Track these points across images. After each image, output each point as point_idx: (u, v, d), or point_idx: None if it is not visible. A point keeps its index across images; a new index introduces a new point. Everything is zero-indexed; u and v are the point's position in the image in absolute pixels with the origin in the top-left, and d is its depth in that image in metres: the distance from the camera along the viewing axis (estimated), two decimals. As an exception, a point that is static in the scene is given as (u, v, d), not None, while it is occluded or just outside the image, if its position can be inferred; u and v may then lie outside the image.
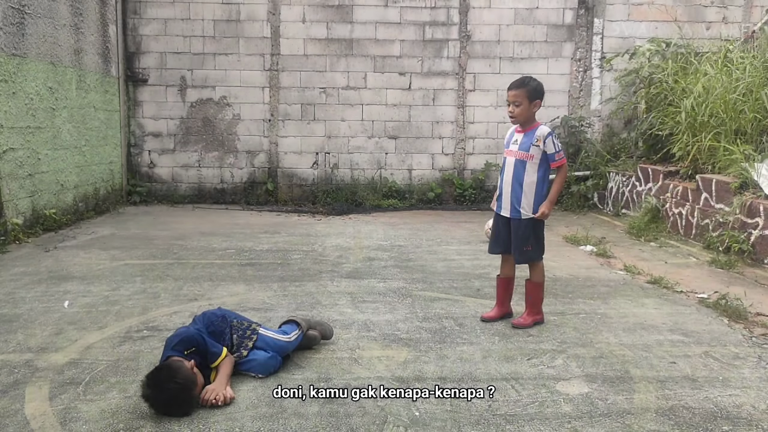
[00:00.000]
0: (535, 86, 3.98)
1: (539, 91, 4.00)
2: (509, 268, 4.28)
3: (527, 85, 3.97)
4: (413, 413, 2.90)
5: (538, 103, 3.98)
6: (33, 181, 7.23)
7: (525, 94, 3.94)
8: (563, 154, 4.03)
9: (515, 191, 4.05)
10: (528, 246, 4.05)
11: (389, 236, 7.44)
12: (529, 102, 3.95)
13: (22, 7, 6.98)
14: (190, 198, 10.22)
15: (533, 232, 4.06)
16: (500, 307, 4.29)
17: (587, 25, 10.22)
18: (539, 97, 3.99)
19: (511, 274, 4.29)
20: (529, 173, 4.02)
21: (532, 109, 3.98)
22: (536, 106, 3.98)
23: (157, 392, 2.81)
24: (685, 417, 2.90)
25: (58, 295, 4.73)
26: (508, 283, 4.30)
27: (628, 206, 8.84)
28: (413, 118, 10.29)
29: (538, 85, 4.00)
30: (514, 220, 4.07)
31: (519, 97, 3.95)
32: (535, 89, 3.97)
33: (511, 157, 4.07)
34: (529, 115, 4.00)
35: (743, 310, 4.45)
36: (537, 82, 4.02)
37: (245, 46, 10.08)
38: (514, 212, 4.06)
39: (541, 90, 4.01)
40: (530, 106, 3.96)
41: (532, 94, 3.96)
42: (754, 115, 6.84)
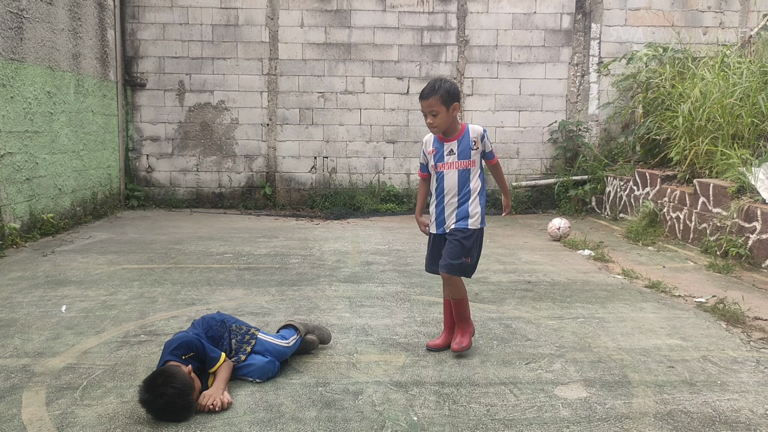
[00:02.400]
0: (447, 89, 3.58)
1: (454, 93, 3.61)
2: None
3: (438, 90, 3.56)
4: (411, 418, 2.90)
5: (457, 105, 3.63)
6: (31, 186, 7.22)
7: (439, 100, 3.56)
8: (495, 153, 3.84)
9: (462, 204, 3.66)
10: (468, 257, 3.64)
11: (387, 240, 7.44)
12: (447, 108, 3.58)
13: (21, 12, 6.98)
14: (188, 202, 10.21)
15: (476, 244, 3.68)
16: (449, 333, 3.84)
17: (585, 30, 10.25)
18: (456, 99, 3.62)
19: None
20: (473, 180, 3.68)
21: (452, 113, 3.62)
22: (455, 109, 3.63)
23: (155, 397, 2.80)
24: (684, 421, 2.90)
25: (55, 300, 4.72)
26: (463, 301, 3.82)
27: (625, 210, 8.85)
28: (411, 123, 10.31)
29: (450, 87, 3.61)
30: (458, 230, 3.63)
31: (434, 106, 3.58)
32: (448, 92, 3.58)
33: (452, 170, 3.68)
34: (451, 122, 3.65)
35: (741, 314, 4.46)
36: (449, 83, 3.62)
37: (244, 51, 10.09)
38: (461, 223, 3.64)
39: (454, 91, 3.61)
40: (449, 112, 3.60)
41: (447, 98, 3.57)
42: (751, 120, 6.86)
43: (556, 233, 7.50)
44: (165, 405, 2.80)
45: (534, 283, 5.44)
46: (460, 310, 3.75)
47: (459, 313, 3.75)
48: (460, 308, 3.74)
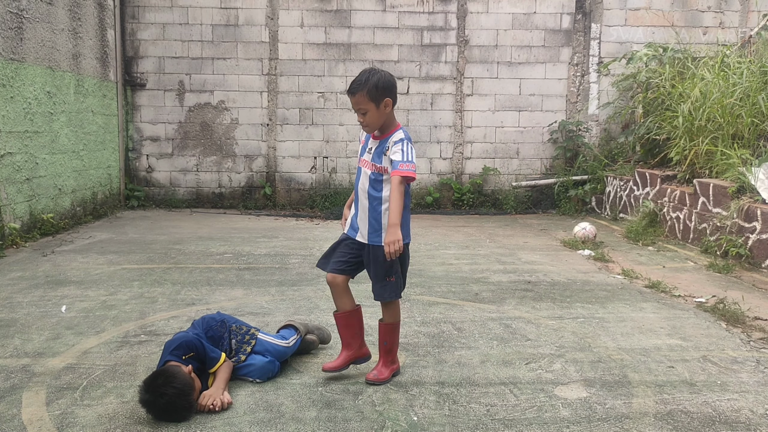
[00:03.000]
0: (375, 83, 3.09)
1: (384, 87, 3.11)
2: (347, 297, 3.30)
3: (366, 84, 3.09)
4: (411, 418, 2.90)
5: (389, 101, 3.13)
6: (31, 186, 7.22)
7: (366, 97, 3.09)
8: (411, 167, 3.09)
9: (372, 212, 3.20)
10: (391, 276, 3.20)
11: (387, 240, 7.43)
12: (376, 104, 3.10)
13: (21, 12, 6.98)
14: (188, 202, 10.21)
15: (398, 261, 3.20)
16: (348, 349, 3.32)
17: (584, 30, 10.25)
18: (388, 94, 3.12)
19: (350, 305, 3.30)
20: (385, 190, 3.16)
21: (384, 110, 3.13)
22: (387, 105, 3.13)
23: (155, 397, 2.80)
24: (684, 421, 2.90)
25: (55, 300, 4.72)
26: (350, 316, 3.31)
27: (625, 210, 8.85)
28: (411, 123, 10.30)
29: (380, 80, 3.10)
30: (375, 247, 3.20)
31: (361, 103, 3.11)
32: (377, 86, 3.09)
33: (364, 169, 3.23)
34: (384, 119, 3.17)
35: (741, 314, 4.46)
36: (378, 75, 3.12)
37: (243, 51, 10.09)
38: (373, 238, 3.21)
39: (385, 84, 3.12)
40: (380, 108, 3.12)
41: (375, 93, 3.09)
42: (752, 120, 6.86)
43: (584, 234, 7.28)
44: (165, 405, 2.80)
45: (534, 283, 5.44)
46: (388, 337, 3.29)
47: (385, 341, 3.29)
48: (388, 335, 3.29)
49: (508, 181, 10.45)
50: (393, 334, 3.31)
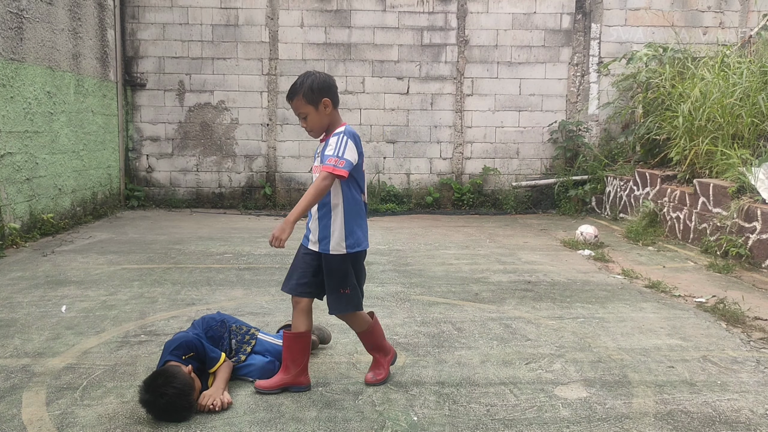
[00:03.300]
0: (310, 85, 3.00)
1: (320, 88, 3.02)
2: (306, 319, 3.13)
3: (301, 88, 3.01)
4: (411, 418, 2.90)
5: (328, 102, 3.03)
6: (31, 186, 7.22)
7: (303, 101, 3.01)
8: (339, 163, 2.92)
9: (322, 219, 3.07)
10: (346, 289, 3.07)
11: (387, 240, 7.44)
12: (314, 106, 3.02)
13: (21, 12, 6.98)
14: (188, 202, 10.21)
15: (351, 272, 3.09)
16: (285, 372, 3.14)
17: (584, 30, 10.25)
18: (325, 94, 3.02)
19: (303, 327, 3.12)
20: (334, 196, 3.04)
21: (324, 111, 3.03)
22: (327, 106, 3.03)
23: (155, 398, 2.80)
24: (684, 421, 2.90)
25: (55, 300, 4.72)
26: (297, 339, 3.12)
27: (625, 210, 8.85)
28: (411, 123, 10.31)
29: (314, 82, 3.01)
30: (325, 255, 3.08)
31: (300, 108, 3.04)
32: (312, 88, 3.00)
33: (314, 174, 3.08)
34: (326, 121, 3.06)
35: (741, 314, 4.46)
36: (313, 77, 3.03)
37: (244, 51, 10.09)
38: (323, 245, 3.08)
39: (320, 85, 3.02)
40: (319, 110, 3.03)
41: (311, 96, 3.00)
42: (752, 120, 6.86)
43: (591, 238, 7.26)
44: (165, 405, 2.80)
45: (534, 283, 5.44)
46: (369, 340, 3.29)
47: (370, 344, 3.30)
48: (368, 339, 3.29)
49: (508, 181, 10.45)
50: (371, 336, 3.28)
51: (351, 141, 3.00)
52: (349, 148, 2.97)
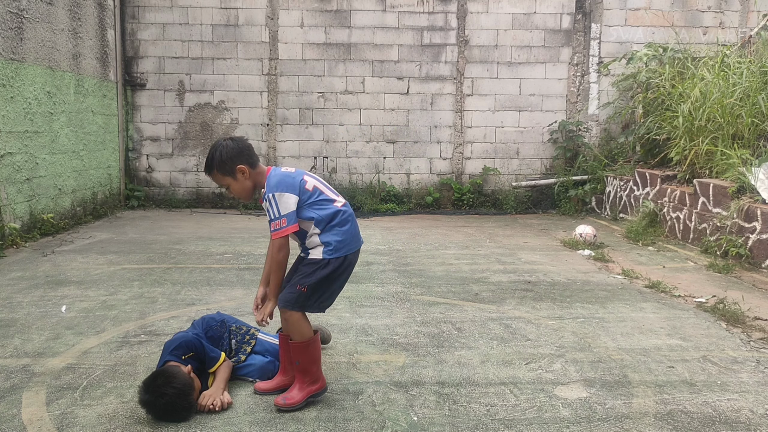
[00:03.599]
0: (220, 159, 2.98)
1: (230, 157, 2.98)
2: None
3: (212, 163, 3.00)
4: (411, 418, 2.90)
5: (243, 168, 2.98)
6: (31, 186, 7.22)
7: (219, 174, 3.01)
8: (279, 225, 2.89)
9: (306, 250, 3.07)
10: (304, 287, 2.94)
11: (387, 240, 7.44)
12: (232, 177, 3.00)
13: (21, 12, 6.98)
14: (188, 202, 10.21)
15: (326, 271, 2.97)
16: (285, 374, 3.17)
17: (585, 30, 10.25)
18: (238, 162, 2.98)
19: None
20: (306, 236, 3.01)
21: (241, 177, 3.00)
22: (243, 172, 2.99)
23: (155, 398, 2.80)
24: (684, 421, 2.90)
25: (55, 300, 4.72)
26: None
27: (625, 210, 8.85)
28: (411, 123, 10.31)
29: (222, 154, 2.98)
30: (301, 258, 3.11)
31: (218, 180, 3.05)
32: (223, 161, 2.98)
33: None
34: (249, 185, 3.03)
35: (741, 314, 4.46)
36: (219, 150, 2.99)
37: (244, 51, 10.09)
38: (304, 252, 3.08)
39: (229, 154, 2.98)
40: (238, 179, 3.01)
41: (224, 168, 2.99)
42: (752, 120, 6.86)
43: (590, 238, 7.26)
44: (165, 405, 2.80)
45: (534, 283, 5.44)
46: (298, 356, 2.98)
47: (296, 360, 2.99)
48: (298, 354, 2.99)
49: (508, 181, 10.45)
50: (305, 353, 2.98)
51: (278, 193, 2.92)
52: (280, 202, 2.91)
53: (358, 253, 3.15)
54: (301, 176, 3.03)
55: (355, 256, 3.11)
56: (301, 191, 2.98)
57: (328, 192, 3.09)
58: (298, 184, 2.98)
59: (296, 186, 2.97)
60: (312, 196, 3.01)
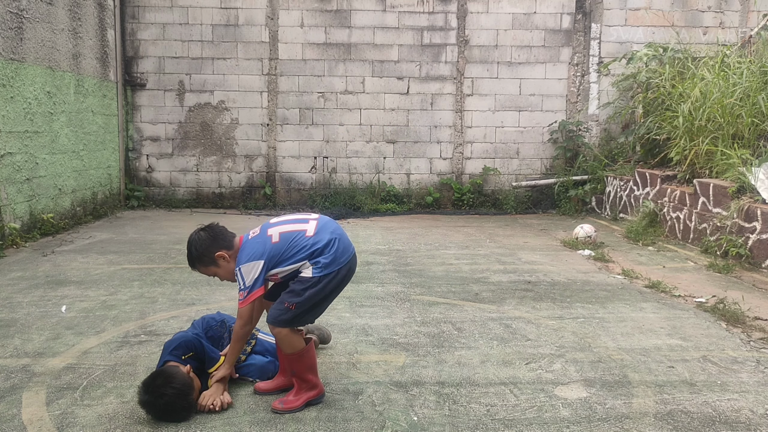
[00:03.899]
0: (197, 253, 3.06)
1: (205, 248, 3.05)
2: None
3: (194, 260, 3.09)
4: (411, 418, 2.90)
5: (221, 254, 3.05)
6: (31, 186, 7.22)
7: (203, 267, 3.09)
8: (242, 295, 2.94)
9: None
10: (293, 305, 2.92)
11: (387, 240, 7.44)
12: (215, 266, 3.08)
13: (21, 12, 6.98)
14: (188, 202, 10.21)
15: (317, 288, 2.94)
16: (284, 375, 3.19)
17: (585, 30, 10.25)
18: (214, 250, 3.05)
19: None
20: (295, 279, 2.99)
21: (221, 263, 3.07)
22: (223, 257, 3.06)
23: (155, 398, 2.79)
24: (684, 421, 2.90)
25: (55, 300, 4.72)
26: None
27: (625, 210, 8.85)
28: (411, 123, 10.31)
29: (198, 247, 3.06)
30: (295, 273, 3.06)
31: (206, 273, 3.13)
32: (200, 255, 3.06)
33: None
34: (232, 266, 3.05)
35: (741, 314, 4.46)
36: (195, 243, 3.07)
37: (244, 51, 10.09)
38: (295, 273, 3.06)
39: (205, 246, 3.05)
40: (221, 266, 3.07)
41: (203, 260, 3.07)
42: (752, 120, 6.86)
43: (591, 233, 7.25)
44: (165, 406, 2.80)
45: (534, 283, 5.44)
46: (293, 366, 3.02)
47: (292, 370, 3.04)
48: (292, 364, 3.02)
49: (508, 181, 10.45)
50: (299, 363, 3.00)
51: (243, 266, 2.94)
52: (245, 273, 2.93)
53: (352, 260, 3.09)
54: (265, 235, 3.01)
55: (347, 266, 3.04)
56: (269, 254, 2.94)
57: (296, 226, 3.03)
58: (264, 249, 2.95)
59: (263, 251, 2.95)
60: (282, 246, 2.97)
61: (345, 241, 3.09)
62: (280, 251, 2.97)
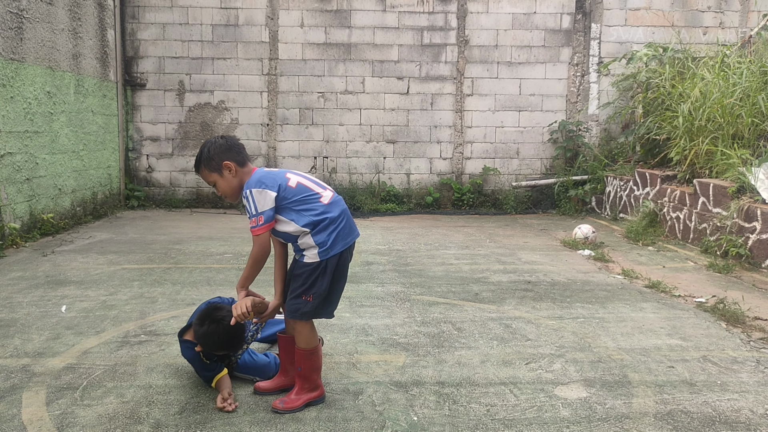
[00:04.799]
0: (206, 156, 2.99)
1: (216, 153, 2.98)
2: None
3: (201, 160, 3.02)
4: (411, 418, 2.90)
5: (230, 165, 2.97)
6: (31, 186, 7.22)
7: (206, 170, 3.01)
8: (259, 221, 2.88)
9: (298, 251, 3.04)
10: (309, 296, 2.92)
11: (387, 240, 7.44)
12: (219, 173, 2.99)
13: (21, 12, 6.98)
14: (188, 202, 10.21)
15: (320, 281, 2.92)
16: (284, 374, 3.18)
17: (585, 30, 10.25)
18: (225, 158, 2.97)
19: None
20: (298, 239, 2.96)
21: (230, 175, 2.99)
22: (229, 168, 2.98)
23: (216, 324, 3.02)
24: (684, 421, 2.90)
25: (55, 300, 4.72)
26: (291, 342, 3.10)
27: (625, 210, 8.85)
28: (411, 123, 10.31)
29: (209, 151, 2.99)
30: (295, 260, 3.09)
31: (206, 177, 3.04)
32: (210, 156, 2.98)
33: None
34: (236, 183, 3.00)
35: (741, 314, 4.46)
36: (207, 146, 3.01)
37: (244, 51, 10.09)
38: (299, 256, 3.03)
39: (217, 150, 2.98)
40: (224, 176, 2.99)
41: (211, 164, 2.98)
42: (752, 120, 6.86)
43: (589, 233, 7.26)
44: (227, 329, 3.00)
45: (534, 283, 5.44)
46: (302, 362, 3.00)
47: (299, 366, 3.02)
48: (302, 360, 3.00)
49: (508, 181, 10.45)
50: (308, 361, 3.00)
51: (255, 190, 2.88)
52: (257, 199, 2.87)
53: (353, 246, 3.07)
54: (283, 174, 2.99)
55: (350, 250, 3.03)
56: (282, 188, 2.91)
57: (314, 186, 3.01)
58: (278, 182, 2.93)
59: (276, 183, 2.91)
60: (296, 194, 2.93)
61: (351, 222, 3.05)
62: (291, 196, 2.92)
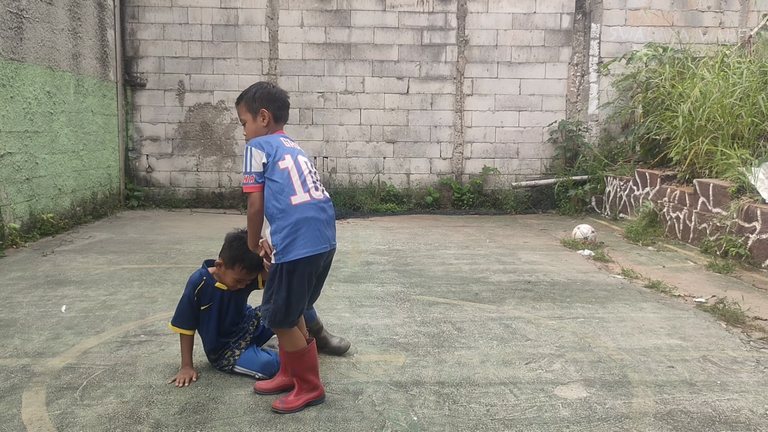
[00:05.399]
0: (253, 95, 3.03)
1: (262, 98, 3.02)
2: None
3: (245, 96, 3.06)
4: (411, 418, 2.90)
5: (266, 113, 3.01)
6: (31, 186, 7.22)
7: (244, 107, 3.05)
8: (249, 179, 2.89)
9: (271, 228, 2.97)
10: (270, 300, 2.89)
11: (387, 240, 7.44)
12: (253, 115, 3.02)
13: (21, 12, 6.98)
14: (188, 202, 10.21)
15: (282, 285, 2.86)
16: (284, 374, 3.15)
17: (584, 30, 10.25)
18: (265, 106, 3.01)
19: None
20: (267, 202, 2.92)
21: (261, 122, 3.02)
22: (263, 116, 3.02)
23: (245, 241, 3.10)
24: (684, 421, 2.90)
25: (55, 300, 4.72)
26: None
27: (625, 210, 8.85)
28: (411, 123, 10.31)
29: (258, 92, 3.03)
30: None
31: (240, 113, 3.09)
32: (254, 98, 3.02)
33: None
34: (262, 132, 3.02)
35: (741, 314, 4.46)
36: (258, 87, 3.06)
37: (243, 51, 10.09)
38: None
39: (263, 96, 3.03)
40: (256, 120, 3.02)
41: (252, 105, 3.02)
42: (751, 120, 6.86)
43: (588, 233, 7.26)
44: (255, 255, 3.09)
45: (534, 283, 5.44)
46: (293, 365, 2.98)
47: (293, 369, 3.00)
48: (293, 363, 2.98)
49: (508, 181, 10.45)
50: (299, 362, 2.96)
51: (254, 148, 2.90)
52: (252, 157, 2.88)
53: (325, 259, 2.99)
54: (283, 153, 2.93)
55: (314, 262, 2.91)
56: (271, 163, 2.88)
57: (297, 182, 2.91)
58: (272, 155, 2.90)
59: (271, 154, 2.89)
60: (278, 177, 2.88)
61: (323, 233, 2.92)
62: (271, 176, 2.90)
